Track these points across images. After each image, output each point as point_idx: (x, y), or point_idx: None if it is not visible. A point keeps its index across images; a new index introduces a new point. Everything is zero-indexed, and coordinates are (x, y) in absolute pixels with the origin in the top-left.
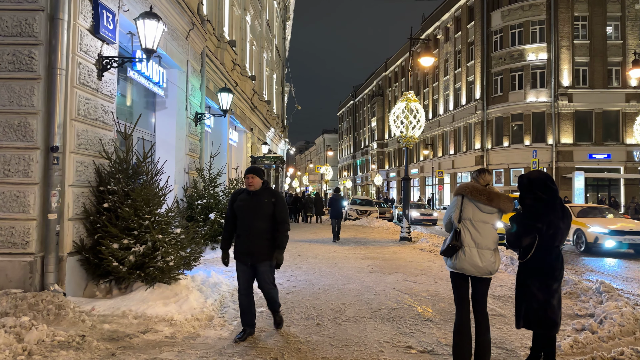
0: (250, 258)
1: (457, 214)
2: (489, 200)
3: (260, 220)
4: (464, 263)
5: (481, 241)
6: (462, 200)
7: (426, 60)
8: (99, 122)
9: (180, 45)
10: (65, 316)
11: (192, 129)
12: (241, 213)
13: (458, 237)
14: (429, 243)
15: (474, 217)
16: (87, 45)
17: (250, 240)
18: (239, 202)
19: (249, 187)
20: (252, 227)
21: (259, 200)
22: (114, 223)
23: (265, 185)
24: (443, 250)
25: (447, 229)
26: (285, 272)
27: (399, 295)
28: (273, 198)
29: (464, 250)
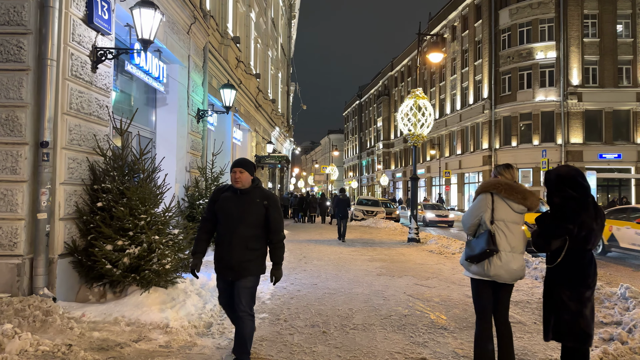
0: (232, 273)
1: (489, 214)
2: (524, 199)
3: (247, 225)
4: (500, 269)
5: (515, 244)
6: (492, 198)
7: (435, 57)
8: (93, 117)
9: (182, 39)
10: (53, 323)
11: (193, 126)
12: (223, 215)
13: (494, 240)
14: (438, 244)
15: (506, 217)
16: (80, 35)
17: (233, 251)
18: (222, 201)
19: (236, 184)
20: (235, 233)
21: (247, 200)
22: (108, 223)
23: (256, 184)
24: (474, 255)
25: (470, 231)
26: (290, 275)
27: (410, 300)
28: (265, 200)
29: (500, 255)
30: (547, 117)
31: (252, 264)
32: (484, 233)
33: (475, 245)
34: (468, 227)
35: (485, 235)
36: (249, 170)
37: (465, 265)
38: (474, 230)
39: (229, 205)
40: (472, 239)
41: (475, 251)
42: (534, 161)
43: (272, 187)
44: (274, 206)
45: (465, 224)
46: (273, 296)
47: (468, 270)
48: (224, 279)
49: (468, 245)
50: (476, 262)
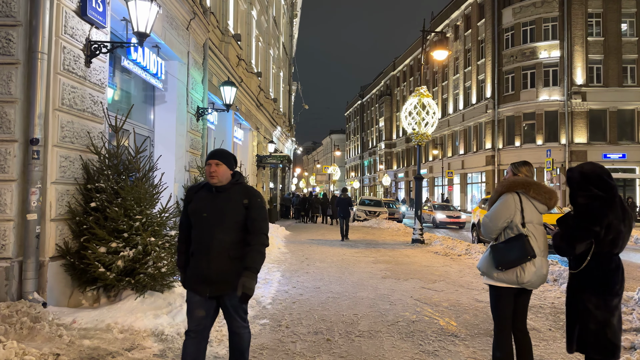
0: (212, 287)
1: (519, 216)
2: (549, 198)
3: (226, 230)
4: (533, 276)
5: (544, 247)
6: (519, 199)
7: (440, 54)
8: (87, 114)
9: (181, 35)
10: (41, 330)
11: (193, 124)
12: (198, 218)
13: (529, 245)
14: (443, 246)
15: (534, 219)
16: (73, 28)
17: (212, 261)
18: (196, 202)
19: (212, 180)
20: (213, 240)
21: (225, 199)
22: (102, 224)
23: (237, 179)
24: (509, 261)
25: (495, 236)
26: (292, 278)
27: (418, 305)
28: (246, 198)
29: (534, 261)
30: (551, 116)
31: (237, 276)
32: (517, 238)
33: (507, 250)
34: (493, 231)
35: (520, 240)
36: (227, 163)
37: (487, 271)
38: (497, 234)
39: (204, 206)
40: (498, 244)
41: (510, 257)
42: (538, 161)
43: (273, 187)
44: (256, 206)
45: (489, 227)
46: (274, 300)
47: (491, 278)
48: (199, 293)
49: (496, 251)
50: (507, 269)
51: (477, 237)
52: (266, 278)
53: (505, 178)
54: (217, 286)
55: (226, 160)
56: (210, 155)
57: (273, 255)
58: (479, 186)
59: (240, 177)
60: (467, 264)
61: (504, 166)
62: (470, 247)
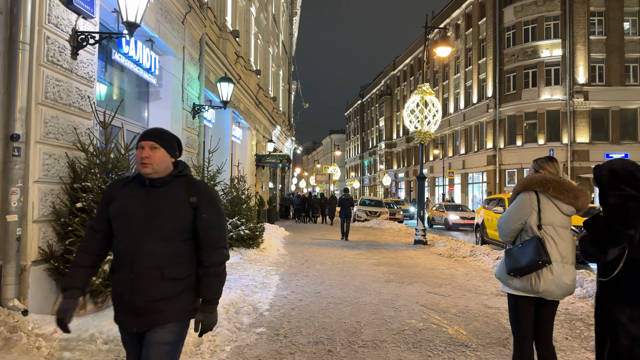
0: (137, 319)
1: (535, 217)
2: (575, 198)
3: (161, 239)
4: (551, 284)
5: (566, 253)
6: (537, 198)
7: (443, 50)
8: (74, 109)
9: (175, 29)
10: (18, 341)
11: (189, 122)
12: (121, 222)
13: (545, 249)
14: (446, 247)
15: (555, 221)
16: (58, 17)
17: (136, 283)
18: (121, 199)
19: (144, 169)
20: (141, 253)
21: (162, 197)
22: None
23: (181, 170)
24: (521, 267)
25: (510, 238)
26: (291, 282)
27: (424, 311)
28: (194, 196)
29: (551, 267)
30: (553, 116)
31: (174, 304)
32: (531, 240)
33: (520, 255)
34: (507, 233)
35: (533, 243)
36: (167, 147)
37: (503, 279)
38: (514, 237)
39: (131, 205)
40: (513, 248)
41: (522, 263)
42: None
43: (273, 187)
44: (208, 208)
45: (503, 229)
46: (272, 307)
47: (507, 285)
48: (125, 329)
49: (508, 256)
50: (520, 276)
51: (481, 238)
52: (264, 282)
53: (527, 176)
54: (145, 318)
55: (166, 143)
56: (144, 135)
57: (272, 257)
58: (480, 186)
59: (185, 167)
60: (472, 267)
61: (505, 166)
62: (475, 248)
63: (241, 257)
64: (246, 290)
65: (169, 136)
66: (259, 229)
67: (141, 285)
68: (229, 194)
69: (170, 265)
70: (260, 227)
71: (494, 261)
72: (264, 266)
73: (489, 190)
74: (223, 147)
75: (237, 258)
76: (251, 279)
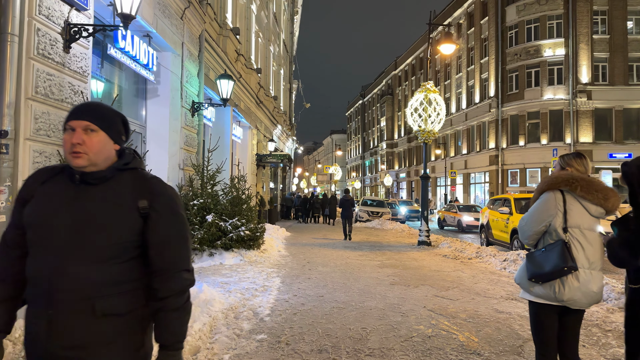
0: None
1: (560, 219)
2: (605, 199)
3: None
4: (576, 292)
5: (594, 258)
6: (563, 198)
7: (447, 48)
8: (66, 104)
9: (174, 24)
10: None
11: (188, 120)
12: (37, 233)
13: (571, 254)
14: (451, 248)
15: (582, 223)
16: (50, 8)
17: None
18: (40, 199)
19: (75, 160)
20: (64, 278)
21: (98, 198)
22: None
23: (128, 162)
24: (544, 273)
25: (532, 241)
26: (293, 285)
27: (432, 316)
28: (144, 199)
29: (577, 274)
30: (556, 115)
31: (110, 353)
32: (556, 244)
33: (543, 260)
34: (528, 236)
35: (558, 248)
36: (108, 129)
37: (524, 284)
38: (536, 240)
39: (51, 210)
40: (535, 252)
41: (545, 268)
42: (542, 161)
43: (274, 187)
44: (164, 212)
45: (524, 231)
46: (273, 312)
47: (528, 292)
48: None
49: (531, 260)
50: (543, 282)
51: (486, 239)
52: (265, 285)
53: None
54: None
55: (107, 123)
56: (75, 112)
57: (273, 258)
58: (482, 186)
59: (134, 159)
60: (479, 269)
61: (507, 166)
62: (481, 249)
63: (241, 258)
64: (246, 293)
65: (111, 114)
66: (259, 230)
67: (63, 324)
68: (229, 194)
69: (104, 297)
70: (261, 228)
71: (500, 263)
72: (264, 268)
73: (492, 191)
74: (223, 146)
75: (237, 260)
76: (251, 282)
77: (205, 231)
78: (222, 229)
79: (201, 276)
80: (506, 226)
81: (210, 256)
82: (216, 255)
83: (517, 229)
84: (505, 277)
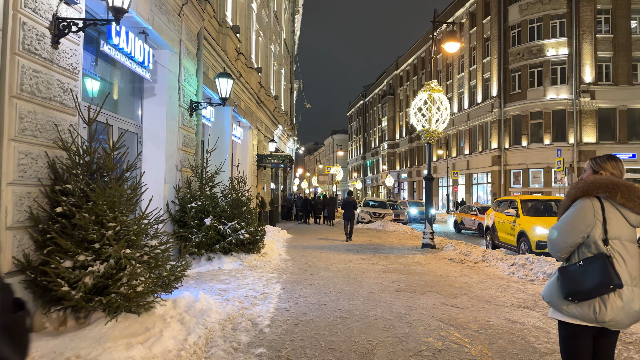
0: None
1: (600, 230)
2: None
3: None
4: (619, 313)
5: (636, 273)
6: (601, 206)
7: (451, 46)
8: (54, 103)
9: (171, 21)
10: None
11: (185, 120)
12: None
13: (614, 270)
14: (456, 251)
15: (623, 234)
16: (37, 1)
17: None
18: None
19: None
20: None
21: None
22: (69, 233)
23: None
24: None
25: (565, 254)
26: (294, 291)
27: (442, 327)
28: None
29: (621, 292)
30: (559, 115)
31: None
32: (596, 259)
33: (581, 276)
34: (561, 249)
35: (599, 263)
36: None
37: (555, 303)
38: (569, 253)
39: None
40: (569, 266)
41: (585, 285)
42: (545, 161)
43: (275, 188)
44: None
45: (556, 243)
46: (273, 322)
47: (560, 312)
48: None
49: (565, 276)
50: (580, 301)
51: (491, 241)
52: (264, 292)
53: (581, 177)
54: None
55: None
56: None
57: (273, 262)
58: (484, 187)
59: None
60: (487, 273)
61: (510, 166)
62: (487, 253)
63: (240, 263)
64: (245, 302)
65: None
66: (259, 233)
67: None
68: (228, 196)
69: None
70: (262, 231)
71: (508, 267)
72: (264, 273)
73: (494, 191)
74: (223, 146)
75: (236, 264)
76: (251, 289)
77: (203, 235)
78: (220, 233)
79: (198, 282)
80: (513, 228)
81: (208, 260)
82: (214, 260)
83: (548, 242)
84: (514, 282)
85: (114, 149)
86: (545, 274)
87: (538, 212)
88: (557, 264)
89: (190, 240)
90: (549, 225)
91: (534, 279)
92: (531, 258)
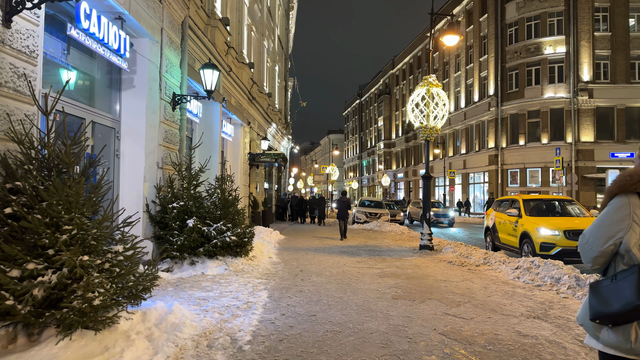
0: None
1: (636, 235)
2: None
3: None
4: None
5: None
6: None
7: (451, 39)
8: (7, 90)
9: (151, 7)
10: None
11: (167, 113)
12: None
13: None
14: (456, 253)
15: None
16: None
17: None
18: None
19: None
20: None
21: None
22: (19, 238)
23: None
24: (611, 313)
25: (598, 263)
26: (281, 300)
27: (445, 342)
28: None
29: None
30: (557, 114)
31: None
32: (629, 272)
33: (610, 294)
34: (593, 258)
35: (632, 277)
36: None
37: (588, 327)
38: (604, 263)
39: None
40: (602, 281)
41: (613, 306)
42: (543, 160)
43: (268, 188)
44: None
45: (586, 251)
46: (255, 337)
47: (595, 338)
48: None
49: (594, 293)
50: (613, 325)
51: (492, 243)
52: (248, 301)
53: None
54: None
55: None
56: None
57: (262, 267)
58: (481, 186)
59: None
60: (490, 278)
61: (507, 166)
62: (489, 255)
63: (226, 267)
64: (225, 313)
65: None
66: (247, 235)
67: None
68: (213, 195)
69: None
70: (250, 233)
71: (512, 271)
72: (251, 279)
73: (491, 191)
74: (212, 143)
75: (221, 269)
76: (234, 297)
77: (185, 237)
78: (205, 235)
79: (177, 290)
80: (515, 229)
81: (191, 265)
82: (198, 264)
83: (579, 248)
84: (520, 288)
85: (74, 142)
86: (552, 278)
87: (541, 212)
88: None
89: (172, 243)
90: (553, 226)
91: (541, 284)
92: (537, 261)
